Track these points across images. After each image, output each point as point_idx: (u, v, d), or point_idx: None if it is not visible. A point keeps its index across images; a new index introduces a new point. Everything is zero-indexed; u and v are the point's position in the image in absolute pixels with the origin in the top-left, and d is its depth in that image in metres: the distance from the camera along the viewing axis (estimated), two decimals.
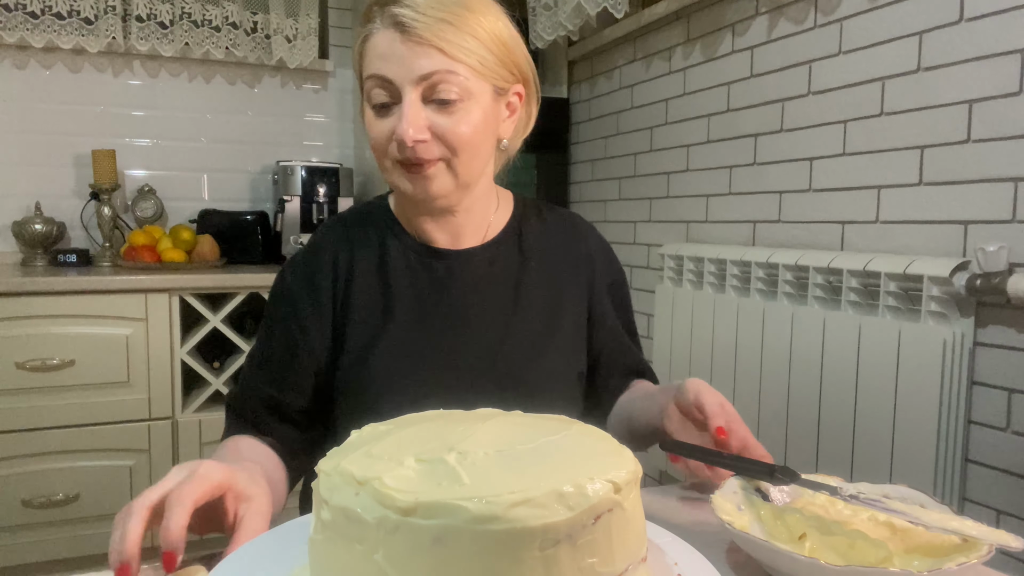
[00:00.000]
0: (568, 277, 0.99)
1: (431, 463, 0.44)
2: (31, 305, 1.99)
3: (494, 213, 0.98)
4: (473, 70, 0.83)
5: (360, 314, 0.91)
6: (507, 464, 0.44)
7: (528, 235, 0.99)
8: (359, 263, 0.93)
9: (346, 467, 0.44)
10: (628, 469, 0.45)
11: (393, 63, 0.81)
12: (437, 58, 0.81)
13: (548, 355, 0.93)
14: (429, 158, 0.83)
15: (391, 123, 0.83)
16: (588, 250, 1.02)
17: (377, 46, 0.83)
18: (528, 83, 0.93)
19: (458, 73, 0.82)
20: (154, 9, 2.52)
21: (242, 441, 0.89)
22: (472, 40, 0.82)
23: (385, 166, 0.87)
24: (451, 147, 0.84)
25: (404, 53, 0.81)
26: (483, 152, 0.88)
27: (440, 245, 0.94)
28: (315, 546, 0.46)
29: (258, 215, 2.62)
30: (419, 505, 0.40)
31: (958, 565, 0.54)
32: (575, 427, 0.52)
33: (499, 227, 0.98)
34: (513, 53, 0.88)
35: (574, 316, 0.98)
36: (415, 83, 0.81)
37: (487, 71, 0.85)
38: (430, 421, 0.53)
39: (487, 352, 0.91)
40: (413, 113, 0.81)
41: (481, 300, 0.93)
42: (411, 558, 0.40)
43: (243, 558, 0.54)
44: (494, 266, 0.95)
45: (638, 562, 0.46)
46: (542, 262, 0.98)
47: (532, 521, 0.39)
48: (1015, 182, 1.26)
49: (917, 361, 1.34)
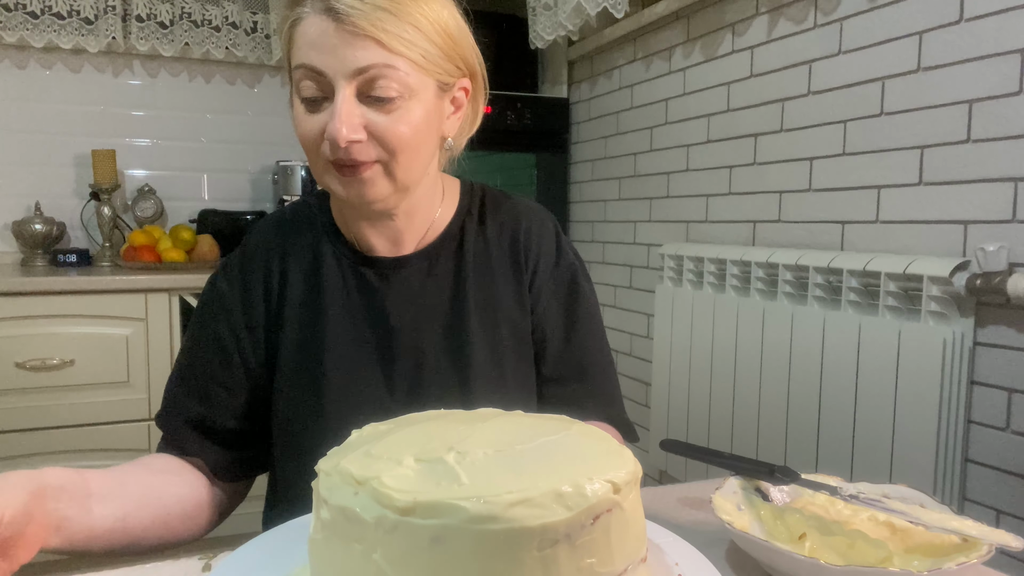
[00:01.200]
0: (508, 280, 0.90)
1: (430, 463, 0.44)
2: (31, 305, 1.99)
3: (438, 211, 0.90)
4: (414, 64, 0.75)
5: (292, 331, 0.86)
6: (506, 464, 0.44)
7: (469, 235, 0.90)
8: (292, 273, 0.87)
9: (345, 467, 0.44)
10: (627, 469, 0.45)
11: (325, 54, 0.73)
12: (374, 50, 0.73)
13: (484, 375, 0.86)
14: (364, 160, 0.76)
15: (322, 120, 0.75)
16: (531, 246, 0.91)
17: (307, 33, 0.74)
18: (475, 77, 0.85)
19: (397, 68, 0.74)
20: (154, 9, 2.52)
21: (155, 460, 0.83)
22: (414, 31, 0.75)
23: (317, 166, 0.79)
24: (389, 148, 0.76)
25: (337, 44, 0.73)
26: (424, 153, 0.81)
27: (378, 251, 0.87)
28: (315, 546, 0.45)
29: (258, 215, 2.62)
30: (417, 505, 0.40)
31: (958, 565, 0.54)
32: (575, 427, 0.52)
33: (441, 227, 0.90)
34: (459, 45, 0.81)
35: (513, 327, 0.89)
36: (350, 77, 0.73)
37: (430, 65, 0.77)
38: (430, 421, 0.53)
39: (417, 372, 0.85)
40: (347, 111, 0.73)
41: (415, 314, 0.87)
42: (409, 558, 0.40)
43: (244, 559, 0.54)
44: (431, 275, 0.88)
45: (638, 562, 0.46)
46: (481, 266, 0.89)
47: (530, 521, 0.39)
48: (1015, 182, 1.26)
49: (917, 361, 1.34)
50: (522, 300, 0.90)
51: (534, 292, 0.91)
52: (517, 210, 0.94)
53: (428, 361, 0.86)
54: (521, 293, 0.90)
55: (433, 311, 0.87)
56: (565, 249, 0.94)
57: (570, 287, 0.93)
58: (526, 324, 0.90)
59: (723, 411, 1.82)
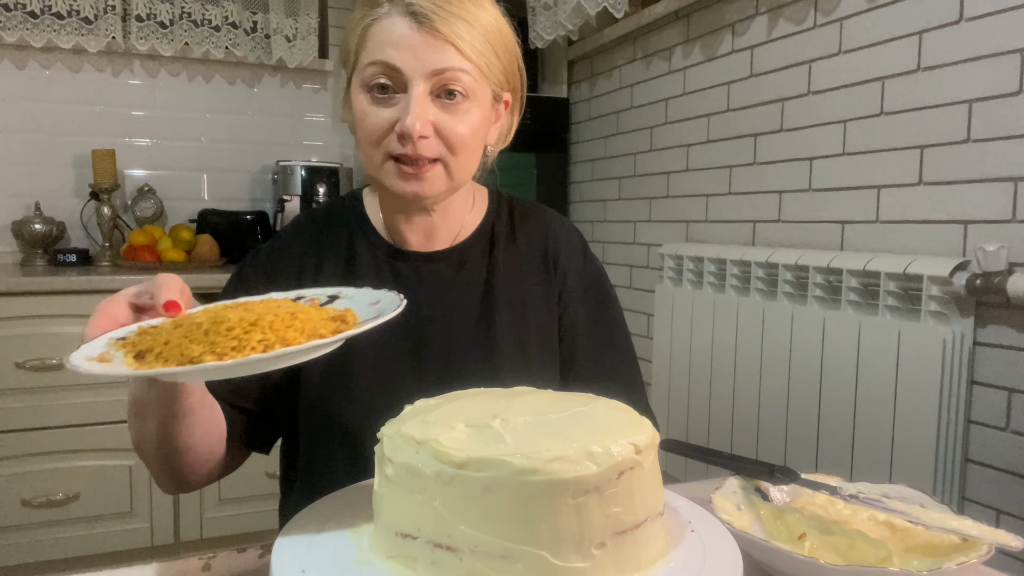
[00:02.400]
0: (536, 283, 0.94)
1: (479, 427, 0.51)
2: (31, 305, 1.99)
3: (469, 213, 0.95)
4: (480, 71, 0.81)
5: None
6: (543, 428, 0.51)
7: (500, 238, 0.95)
8: (326, 267, 0.90)
9: (406, 431, 0.51)
10: (647, 435, 0.52)
11: (406, 53, 0.78)
12: (451, 54, 0.78)
13: (511, 368, 0.89)
14: (429, 156, 0.80)
15: (392, 114, 0.79)
16: (559, 254, 0.96)
17: (387, 32, 0.79)
18: (516, 92, 0.91)
19: (468, 72, 0.80)
20: (154, 9, 2.52)
21: None
22: (483, 41, 0.81)
23: (375, 160, 0.83)
24: (451, 146, 0.81)
25: (418, 44, 0.78)
26: (477, 154, 0.86)
27: (411, 246, 0.91)
28: (379, 499, 0.53)
29: (258, 215, 2.62)
30: (470, 460, 0.47)
31: (958, 565, 0.54)
32: (601, 401, 0.59)
33: (472, 228, 0.94)
34: (514, 60, 0.87)
35: (540, 326, 0.93)
36: (427, 77, 0.78)
37: (491, 74, 0.83)
38: (473, 396, 0.61)
39: (447, 364, 0.88)
40: (422, 107, 0.78)
41: (447, 307, 0.90)
42: (464, 504, 0.48)
43: (310, 516, 0.59)
44: (462, 270, 0.92)
45: (656, 515, 0.52)
46: (511, 267, 0.94)
47: (566, 474, 0.47)
48: (1015, 182, 1.26)
49: (917, 361, 1.34)
50: (550, 303, 0.94)
51: (564, 297, 0.95)
52: (546, 218, 0.99)
53: (458, 349, 0.89)
54: (549, 297, 0.94)
55: (464, 304, 0.91)
56: (591, 257, 1.00)
57: (597, 292, 0.97)
58: (553, 327, 0.94)
59: (723, 411, 1.82)
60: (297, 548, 0.53)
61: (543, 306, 0.94)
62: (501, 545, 0.47)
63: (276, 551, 0.53)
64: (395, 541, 0.51)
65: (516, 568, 0.47)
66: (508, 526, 0.47)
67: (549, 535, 0.47)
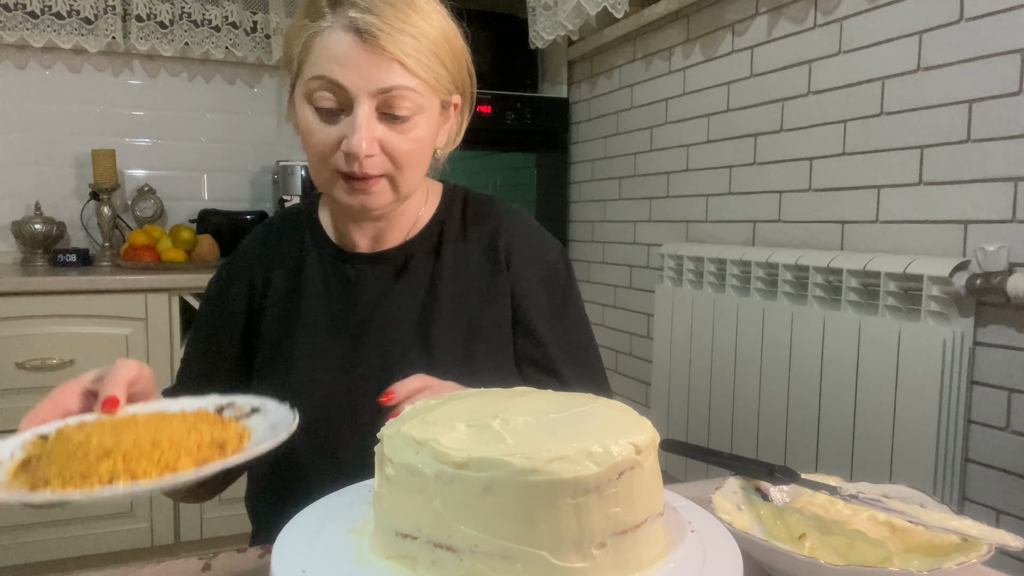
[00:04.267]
0: (485, 280, 0.93)
1: (479, 427, 0.51)
2: (31, 305, 1.99)
3: (421, 210, 0.95)
4: (428, 85, 0.80)
5: (270, 326, 0.91)
6: (543, 428, 0.51)
7: (448, 234, 0.94)
8: (276, 277, 0.93)
9: (406, 431, 0.51)
10: (647, 435, 0.52)
11: (350, 70, 0.76)
12: (398, 72, 0.77)
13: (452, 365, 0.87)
14: (375, 174, 0.80)
15: (338, 131, 0.79)
16: (512, 248, 0.94)
17: (330, 48, 0.77)
18: (466, 93, 0.90)
19: (415, 89, 0.78)
20: (154, 9, 2.52)
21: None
22: (430, 54, 0.79)
23: (322, 175, 0.83)
24: (396, 163, 0.81)
25: (362, 62, 0.76)
26: (425, 163, 0.86)
27: (360, 248, 0.92)
28: (380, 499, 0.53)
29: (258, 215, 2.62)
30: (471, 460, 0.47)
31: (958, 565, 0.54)
32: (600, 401, 0.59)
33: (420, 227, 0.94)
34: (461, 67, 0.86)
35: (490, 322, 0.91)
36: (372, 95, 0.77)
37: (439, 86, 0.82)
38: (473, 397, 0.61)
39: (386, 359, 0.88)
40: (368, 126, 0.77)
41: (390, 306, 0.90)
42: (464, 504, 0.48)
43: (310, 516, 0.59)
44: (406, 270, 0.92)
45: (656, 516, 0.53)
46: (459, 264, 0.93)
47: (566, 474, 0.47)
48: (1015, 182, 1.26)
49: (917, 361, 1.34)
50: (501, 299, 0.93)
51: (517, 292, 0.93)
52: (497, 211, 0.98)
53: (396, 349, 0.89)
54: (500, 292, 0.93)
55: (405, 303, 0.91)
56: (551, 248, 0.98)
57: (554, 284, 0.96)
58: (506, 322, 0.93)
59: (723, 411, 1.82)
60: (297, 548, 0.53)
61: (492, 302, 0.92)
62: (501, 545, 0.47)
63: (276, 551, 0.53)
64: (395, 541, 0.51)
65: (516, 568, 0.47)
66: (508, 526, 0.47)
67: (549, 535, 0.47)
